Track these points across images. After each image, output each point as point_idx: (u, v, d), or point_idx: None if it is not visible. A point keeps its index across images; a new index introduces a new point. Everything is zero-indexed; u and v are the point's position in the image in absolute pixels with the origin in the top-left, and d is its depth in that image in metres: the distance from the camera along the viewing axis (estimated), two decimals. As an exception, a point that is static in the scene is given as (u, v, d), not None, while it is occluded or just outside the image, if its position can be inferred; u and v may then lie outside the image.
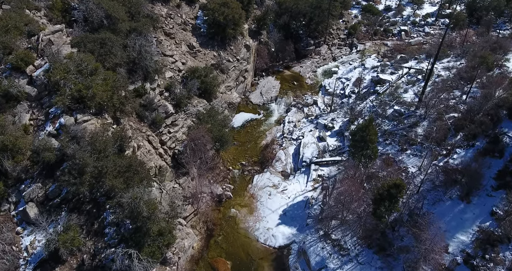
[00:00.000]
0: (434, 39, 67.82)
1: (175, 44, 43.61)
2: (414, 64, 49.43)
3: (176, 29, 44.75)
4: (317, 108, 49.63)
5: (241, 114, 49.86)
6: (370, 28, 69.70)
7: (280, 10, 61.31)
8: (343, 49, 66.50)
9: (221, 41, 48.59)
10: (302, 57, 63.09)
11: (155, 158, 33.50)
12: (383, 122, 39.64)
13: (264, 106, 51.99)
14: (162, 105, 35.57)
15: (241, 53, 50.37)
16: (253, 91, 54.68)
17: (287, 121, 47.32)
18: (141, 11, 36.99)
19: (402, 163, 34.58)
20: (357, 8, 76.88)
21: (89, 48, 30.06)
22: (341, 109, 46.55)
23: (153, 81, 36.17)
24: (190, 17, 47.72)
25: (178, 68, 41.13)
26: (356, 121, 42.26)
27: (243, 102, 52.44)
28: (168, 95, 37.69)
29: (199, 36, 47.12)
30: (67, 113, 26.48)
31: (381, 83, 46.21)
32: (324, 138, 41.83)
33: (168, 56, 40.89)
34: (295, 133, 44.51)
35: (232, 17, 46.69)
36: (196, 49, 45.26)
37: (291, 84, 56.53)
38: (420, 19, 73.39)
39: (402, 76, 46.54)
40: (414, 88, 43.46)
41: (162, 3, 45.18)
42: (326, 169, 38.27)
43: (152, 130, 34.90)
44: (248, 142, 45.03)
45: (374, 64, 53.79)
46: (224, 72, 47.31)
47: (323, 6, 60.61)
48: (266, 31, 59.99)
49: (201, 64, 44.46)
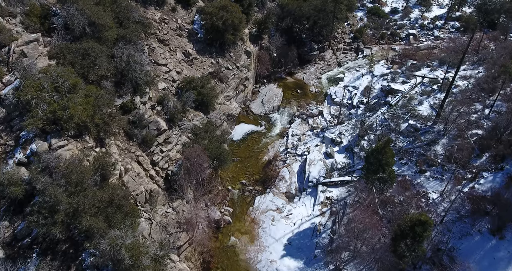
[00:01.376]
0: (444, 43, 64.36)
1: (170, 51, 39.90)
2: (427, 73, 45.67)
3: (171, 35, 41.04)
4: (322, 119, 45.98)
5: (241, 125, 46.21)
6: (377, 31, 66.03)
7: (282, 13, 57.59)
8: (348, 54, 62.82)
9: (219, 47, 44.89)
10: (305, 62, 59.39)
11: (145, 182, 29.81)
12: (397, 138, 35.88)
13: (266, 116, 48.33)
14: (154, 122, 31.88)
15: (241, 60, 46.71)
16: (254, 100, 51.01)
17: (291, 134, 43.66)
18: (131, 17, 33.26)
19: (421, 186, 30.82)
20: (362, 11, 73.15)
21: (69, 60, 26.34)
22: (349, 122, 42.87)
23: (143, 94, 32.50)
24: (186, 21, 44.00)
25: (172, 79, 37.45)
26: (367, 136, 38.62)
27: (243, 112, 48.79)
28: (161, 109, 34.01)
29: (195, 42, 43.41)
30: (41, 137, 22.76)
31: (392, 93, 42.46)
32: (331, 154, 38.18)
33: (161, 66, 37.19)
34: (300, 148, 40.84)
35: (232, 22, 42.99)
36: (193, 56, 41.56)
37: (295, 92, 52.86)
38: (429, 22, 69.71)
39: (416, 86, 42.79)
40: (430, 99, 39.62)
41: (156, 7, 41.46)
42: (334, 190, 34.61)
43: (142, 149, 31.24)
44: (248, 157, 41.36)
45: (383, 71, 50.07)
46: (223, 81, 43.65)
47: (328, 9, 56.91)
48: (267, 35, 56.25)
49: (197, 73, 40.80)
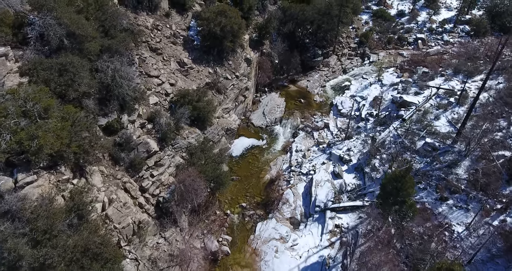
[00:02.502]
0: (454, 48, 60.91)
1: (163, 61, 36.37)
2: (441, 83, 42.21)
3: (164, 43, 37.51)
4: (328, 133, 42.50)
5: (241, 139, 42.74)
6: (383, 36, 62.52)
7: (284, 17, 54.08)
8: (354, 60, 59.35)
9: (217, 55, 41.37)
10: (309, 69, 55.93)
11: (133, 212, 26.35)
12: (413, 158, 32.48)
13: (268, 129, 44.87)
14: (143, 143, 28.40)
15: (241, 69, 43.20)
16: (254, 111, 47.55)
17: (295, 150, 40.17)
18: (118, 25, 29.71)
19: (443, 217, 27.40)
20: (367, 13, 69.60)
21: (43, 77, 22.80)
22: (357, 136, 39.40)
23: (132, 112, 29.00)
24: (181, 28, 40.45)
25: (165, 92, 33.94)
26: (379, 154, 35.16)
27: (243, 124, 45.34)
28: (152, 127, 30.53)
29: (191, 50, 39.88)
30: (5, 171, 19.28)
31: (405, 106, 38.98)
32: (340, 174, 34.71)
33: (153, 77, 33.68)
34: (305, 166, 37.37)
35: (231, 28, 39.48)
36: (188, 66, 38.03)
37: (298, 102, 49.37)
38: (437, 26, 66.16)
39: (430, 98, 39.31)
40: (447, 114, 36.16)
41: (148, 13, 37.90)
42: (344, 216, 31.17)
43: (130, 175, 27.76)
44: (249, 176, 37.89)
45: (393, 80, 46.55)
46: (221, 92, 40.15)
47: (333, 12, 53.42)
48: (268, 40, 52.75)
49: (193, 84, 37.32)
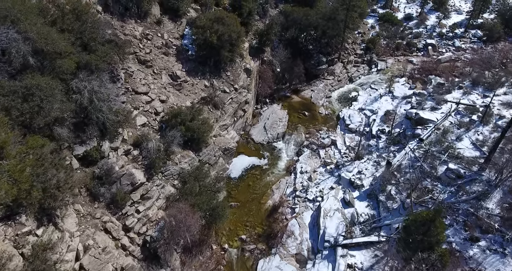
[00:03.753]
0: (466, 55, 57.05)
1: (153, 74, 32.38)
2: (460, 97, 38.30)
3: (155, 54, 33.50)
4: (336, 151, 38.59)
5: (241, 158, 38.80)
6: (391, 41, 58.60)
7: (286, 22, 50.07)
8: (360, 67, 55.38)
9: (214, 66, 37.37)
10: (312, 77, 51.94)
11: (114, 256, 22.40)
12: (434, 186, 28.65)
13: (269, 146, 40.92)
14: (127, 174, 24.43)
15: (240, 80, 39.22)
16: (255, 125, 43.60)
17: (299, 171, 36.26)
18: (100, 36, 25.70)
19: (475, 262, 23.56)
20: (373, 17, 65.64)
21: (3, 104, 18.92)
22: (369, 156, 35.48)
23: (114, 137, 25.04)
24: (174, 36, 36.41)
25: (154, 110, 29.97)
26: (394, 179, 31.29)
27: (242, 140, 41.39)
28: (139, 153, 26.55)
29: (185, 61, 35.87)
30: None
31: (422, 123, 35.10)
32: (351, 202, 30.85)
33: (141, 94, 29.68)
34: (311, 191, 33.49)
35: (229, 37, 35.47)
36: (182, 79, 34.03)
37: (301, 115, 45.41)
38: (448, 31, 62.32)
39: (449, 114, 35.42)
40: (470, 134, 32.26)
41: (137, 20, 33.84)
42: (358, 253, 27.31)
43: (111, 212, 23.81)
44: (249, 202, 33.99)
45: (406, 92, 42.62)
46: (218, 107, 36.20)
47: (338, 17, 49.45)
48: (270, 48, 48.80)
49: (187, 100, 33.35)
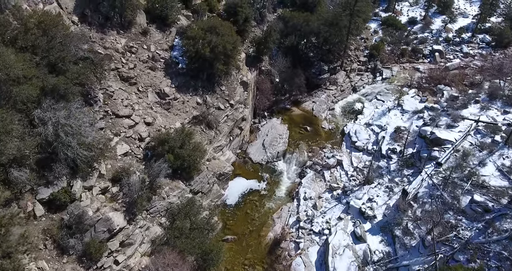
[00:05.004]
0: (475, 61, 53.45)
1: (137, 93, 28.33)
2: (478, 112, 34.56)
3: (140, 70, 29.41)
4: (342, 173, 34.76)
5: (237, 181, 34.83)
6: (396, 47, 54.69)
7: (286, 29, 46.05)
8: (364, 75, 51.49)
9: (207, 80, 33.35)
10: (314, 87, 47.97)
11: None
12: (458, 221, 24.91)
13: (269, 166, 36.98)
14: (103, 219, 20.40)
15: (236, 95, 35.22)
16: (253, 142, 39.61)
17: (303, 197, 32.40)
18: (71, 54, 21.57)
19: None
20: (376, 21, 61.68)
21: None
22: (379, 180, 31.67)
23: (88, 174, 21.01)
24: (162, 48, 32.31)
25: (138, 136, 25.92)
26: (411, 210, 27.54)
27: (239, 159, 37.39)
28: (119, 190, 22.51)
29: (175, 75, 31.80)
30: None
31: (438, 144, 31.36)
32: (363, 236, 27.03)
33: (122, 118, 25.60)
34: (317, 222, 29.64)
35: (223, 49, 31.46)
36: (170, 97, 29.97)
37: (303, 130, 41.46)
38: (454, 35, 58.57)
39: (468, 133, 31.70)
40: (494, 158, 28.50)
41: (119, 31, 29.68)
42: (373, 301, 23.61)
43: (84, 266, 19.71)
44: (248, 234, 30.07)
45: (416, 106, 38.78)
46: (212, 127, 32.20)
47: (341, 23, 45.48)
48: (268, 56, 44.87)
49: (177, 120, 29.35)
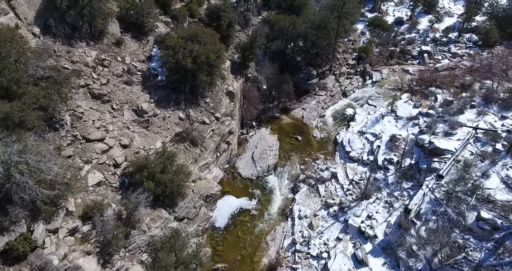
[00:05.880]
0: (464, 62, 52.11)
1: (111, 111, 25.17)
2: (475, 118, 32.83)
3: (114, 85, 26.25)
4: (338, 186, 32.45)
5: (226, 200, 32.01)
6: (384, 49, 52.82)
7: (272, 33, 43.49)
8: (354, 79, 49.41)
9: (190, 93, 30.45)
10: (303, 93, 45.55)
11: None
12: (466, 241, 22.89)
13: (259, 181, 34.33)
14: (72, 268, 17.35)
15: (222, 107, 32.41)
16: (241, 155, 36.87)
17: (297, 216, 29.90)
18: (25, 75, 18.33)
19: None
20: (362, 22, 59.75)
21: None
22: (377, 195, 29.44)
23: (52, 215, 17.93)
24: (139, 59, 29.16)
25: (113, 162, 22.85)
26: (414, 229, 25.42)
27: (227, 175, 34.56)
28: (91, 228, 19.49)
29: (154, 89, 28.77)
30: None
31: (437, 153, 29.40)
32: (364, 260, 24.72)
33: (94, 142, 22.51)
34: (314, 244, 27.17)
35: (206, 58, 28.61)
36: (149, 114, 26.91)
37: (294, 140, 38.92)
38: (441, 35, 57.20)
39: (467, 142, 29.86)
40: (498, 169, 26.67)
41: (89, 42, 26.37)
42: None
43: None
44: (240, 261, 27.40)
45: (411, 112, 36.77)
46: (197, 143, 29.31)
47: (329, 26, 43.16)
48: (254, 62, 42.22)
49: (158, 140, 26.35)
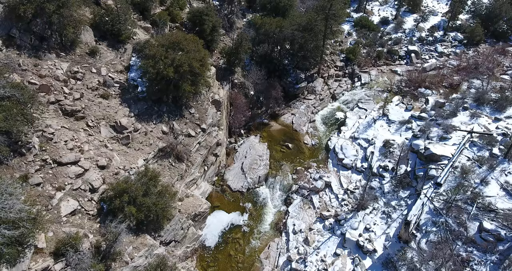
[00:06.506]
0: (451, 61, 51.51)
1: (87, 129, 22.83)
2: (469, 120, 31.79)
3: (89, 99, 23.91)
4: (332, 196, 30.91)
5: (216, 216, 30.02)
6: (371, 50, 51.65)
7: (258, 37, 41.71)
8: (342, 81, 48.04)
9: (173, 104, 28.33)
10: (291, 98, 43.95)
11: None
12: (470, 254, 21.65)
13: (251, 194, 32.48)
14: (41, 316, 15.27)
15: (209, 117, 30.42)
16: (230, 166, 34.92)
17: (292, 231, 28.20)
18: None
19: None
20: (348, 22, 58.46)
21: None
22: (374, 205, 28.01)
23: (17, 256, 15.54)
24: (116, 69, 26.85)
25: (90, 186, 20.59)
26: (414, 241, 24.07)
27: (216, 188, 32.60)
28: (64, 266, 17.23)
29: (134, 101, 26.55)
30: None
31: (434, 160, 28.18)
32: (364, 278, 23.29)
33: (67, 165, 20.20)
34: (311, 262, 25.49)
35: (189, 67, 26.59)
36: (130, 129, 24.69)
37: (284, 148, 37.21)
38: (427, 35, 56.55)
39: (464, 146, 28.74)
40: (497, 175, 25.55)
41: (60, 53, 23.90)
42: None
43: None
44: (232, 283, 25.64)
45: (403, 115, 35.50)
46: (182, 158, 27.20)
47: (316, 28, 41.62)
48: (240, 67, 40.36)
49: (139, 157, 24.15)
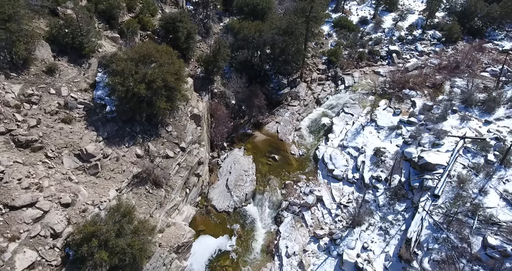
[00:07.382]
0: (431, 60, 50.68)
1: (45, 161, 19.51)
2: (459, 124, 30.38)
3: (47, 126, 20.58)
4: (325, 212, 28.78)
5: (202, 241, 27.31)
6: (353, 51, 50.01)
7: (236, 42, 39.05)
8: (326, 85, 46.10)
9: (147, 122, 25.27)
10: (275, 105, 41.57)
11: None
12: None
13: (237, 213, 29.91)
14: None
15: (188, 134, 27.47)
16: (214, 183, 32.11)
17: (285, 254, 25.86)
18: None
19: None
20: (327, 23, 56.69)
21: None
22: (370, 220, 26.05)
23: None
24: (79, 88, 23.52)
25: (51, 231, 17.36)
26: (416, 260, 22.26)
27: (200, 209, 29.84)
28: None
29: (102, 123, 23.33)
30: None
31: (429, 169, 26.52)
32: (367, 307, 21.24)
33: (21, 209, 16.98)
34: (308, 289, 23.35)
35: (163, 81, 23.66)
36: (98, 157, 21.51)
37: (271, 160, 34.75)
38: (406, 33, 55.59)
39: (458, 153, 27.21)
40: (495, 183, 24.10)
41: (10, 74, 20.41)
42: None
43: None
44: (224, 319, 23.04)
45: (391, 120, 33.75)
46: (160, 184, 24.21)
47: (297, 31, 39.35)
48: (220, 75, 37.62)
49: (111, 188, 21.06)
